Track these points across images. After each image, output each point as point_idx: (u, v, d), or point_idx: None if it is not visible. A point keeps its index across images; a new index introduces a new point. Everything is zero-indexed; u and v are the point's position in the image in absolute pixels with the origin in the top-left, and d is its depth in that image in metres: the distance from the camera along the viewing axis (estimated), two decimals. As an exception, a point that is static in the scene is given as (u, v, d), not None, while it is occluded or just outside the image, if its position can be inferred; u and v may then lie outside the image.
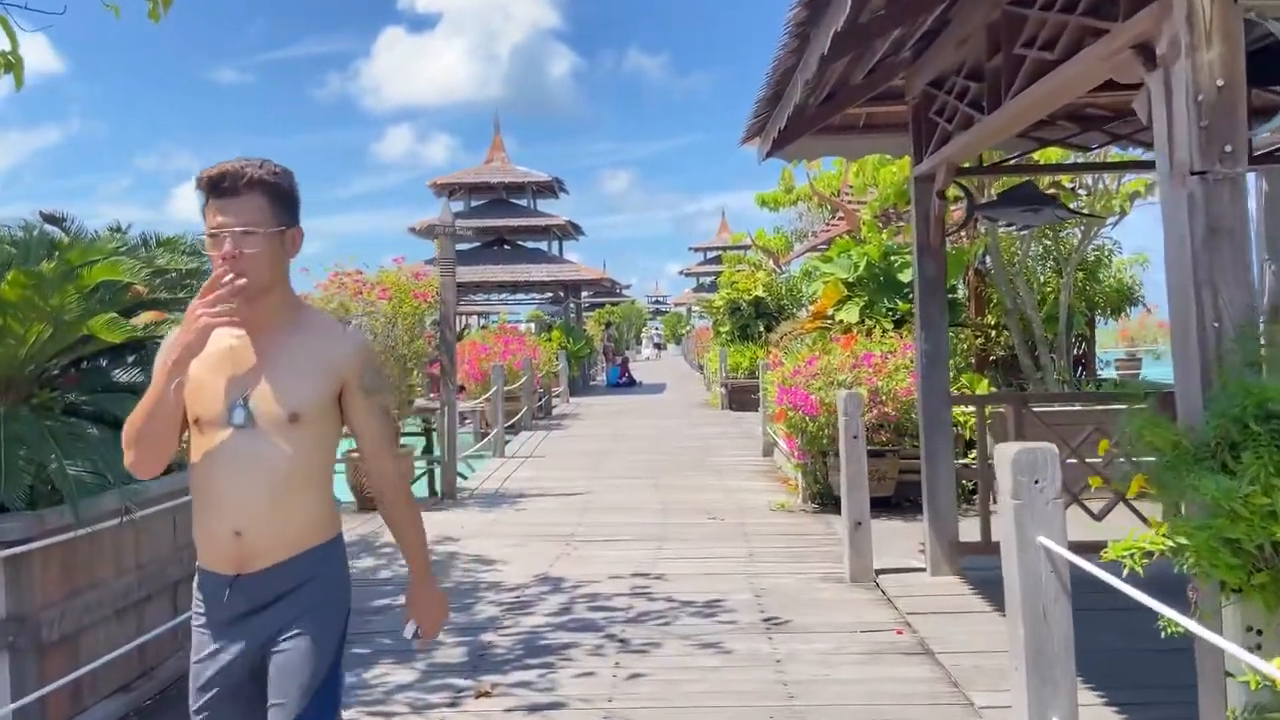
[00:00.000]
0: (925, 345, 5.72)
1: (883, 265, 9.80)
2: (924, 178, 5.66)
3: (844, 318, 9.48)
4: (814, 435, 8.09)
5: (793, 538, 7.14)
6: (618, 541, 7.14)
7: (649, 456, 11.90)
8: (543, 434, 14.91)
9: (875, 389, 7.92)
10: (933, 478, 5.71)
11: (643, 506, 8.54)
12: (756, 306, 18.96)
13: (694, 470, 10.73)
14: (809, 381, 8.17)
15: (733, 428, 15.21)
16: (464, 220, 25.17)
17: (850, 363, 8.19)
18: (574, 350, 23.65)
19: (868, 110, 6.25)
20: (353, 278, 8.49)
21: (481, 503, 8.87)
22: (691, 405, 19.94)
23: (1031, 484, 2.78)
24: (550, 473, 10.80)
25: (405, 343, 8.60)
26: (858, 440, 5.78)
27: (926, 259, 5.74)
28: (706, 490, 9.44)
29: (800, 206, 19.41)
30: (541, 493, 9.38)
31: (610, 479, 10.22)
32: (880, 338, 8.57)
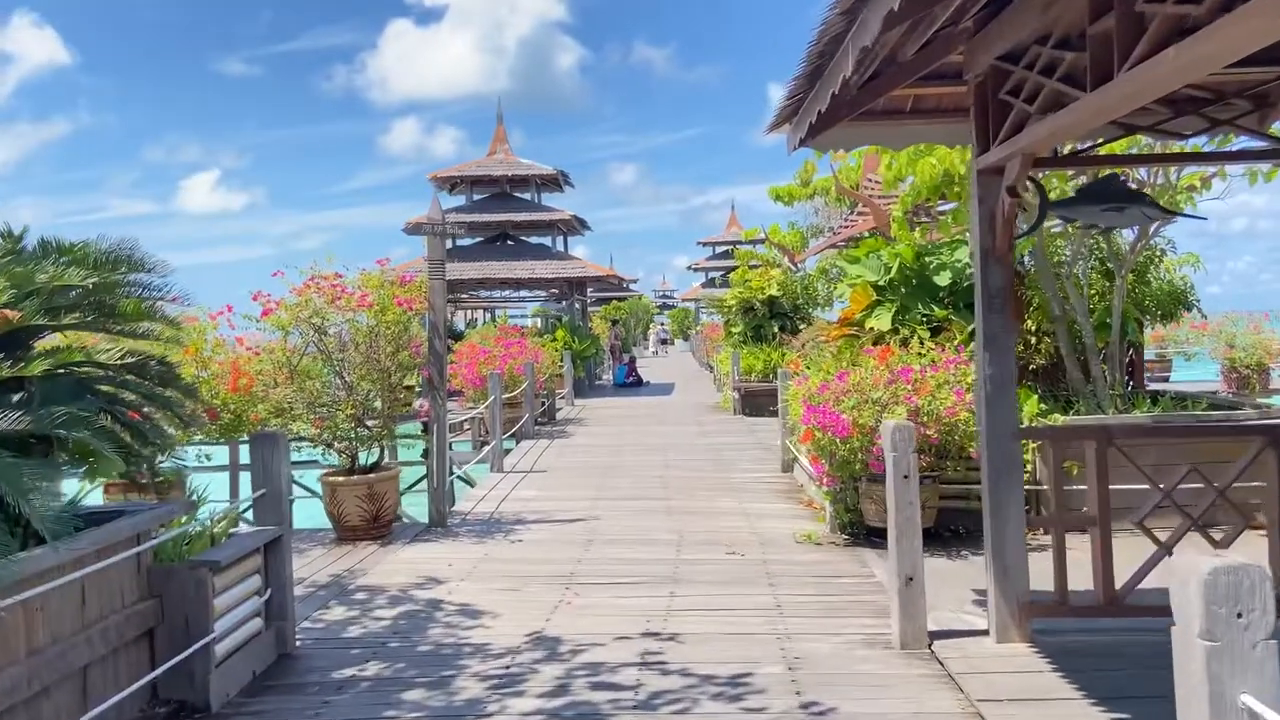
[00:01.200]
0: (989, 369, 4.83)
1: (916, 267, 8.91)
2: (991, 170, 4.77)
3: (875, 325, 8.61)
4: (845, 459, 7.21)
5: (825, 582, 6.26)
6: (625, 584, 6.27)
7: (659, 472, 11.03)
8: (545, 443, 14.05)
9: (915, 409, 7.03)
10: (999, 528, 4.82)
11: (653, 536, 7.67)
12: (770, 306, 18.07)
13: (708, 489, 9.86)
14: (839, 399, 7.29)
15: (747, 436, 14.32)
16: (466, 215, 24.30)
17: (885, 378, 7.30)
18: (579, 350, 22.79)
19: (915, 92, 5.36)
20: (330, 282, 7.62)
21: (474, 530, 8.01)
22: (702, 408, 19.06)
23: (1233, 618, 1.92)
24: (551, 492, 9.94)
25: (389, 354, 7.74)
26: (909, 481, 4.91)
27: (992, 266, 4.84)
28: (723, 515, 8.56)
29: (816, 201, 18.49)
30: (541, 517, 8.51)
31: (617, 499, 9.35)
32: (919, 349, 7.67)
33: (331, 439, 7.58)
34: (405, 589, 6.21)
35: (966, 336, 8.48)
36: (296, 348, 7.52)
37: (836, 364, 9.12)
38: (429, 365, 8.01)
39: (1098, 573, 4.80)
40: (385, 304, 7.55)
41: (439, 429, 7.97)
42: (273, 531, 4.93)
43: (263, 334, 7.72)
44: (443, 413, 8.01)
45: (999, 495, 4.83)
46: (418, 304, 7.84)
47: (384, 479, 7.66)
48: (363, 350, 7.67)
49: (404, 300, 7.59)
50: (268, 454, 4.99)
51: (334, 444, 7.62)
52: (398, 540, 7.63)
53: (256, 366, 7.63)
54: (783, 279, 18.03)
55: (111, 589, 4.03)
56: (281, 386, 7.56)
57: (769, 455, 12.08)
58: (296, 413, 7.64)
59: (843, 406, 7.22)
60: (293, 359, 7.48)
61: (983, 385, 4.86)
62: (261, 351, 7.75)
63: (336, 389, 7.58)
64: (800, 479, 10.15)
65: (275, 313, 7.56)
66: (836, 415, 7.10)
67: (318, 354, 7.53)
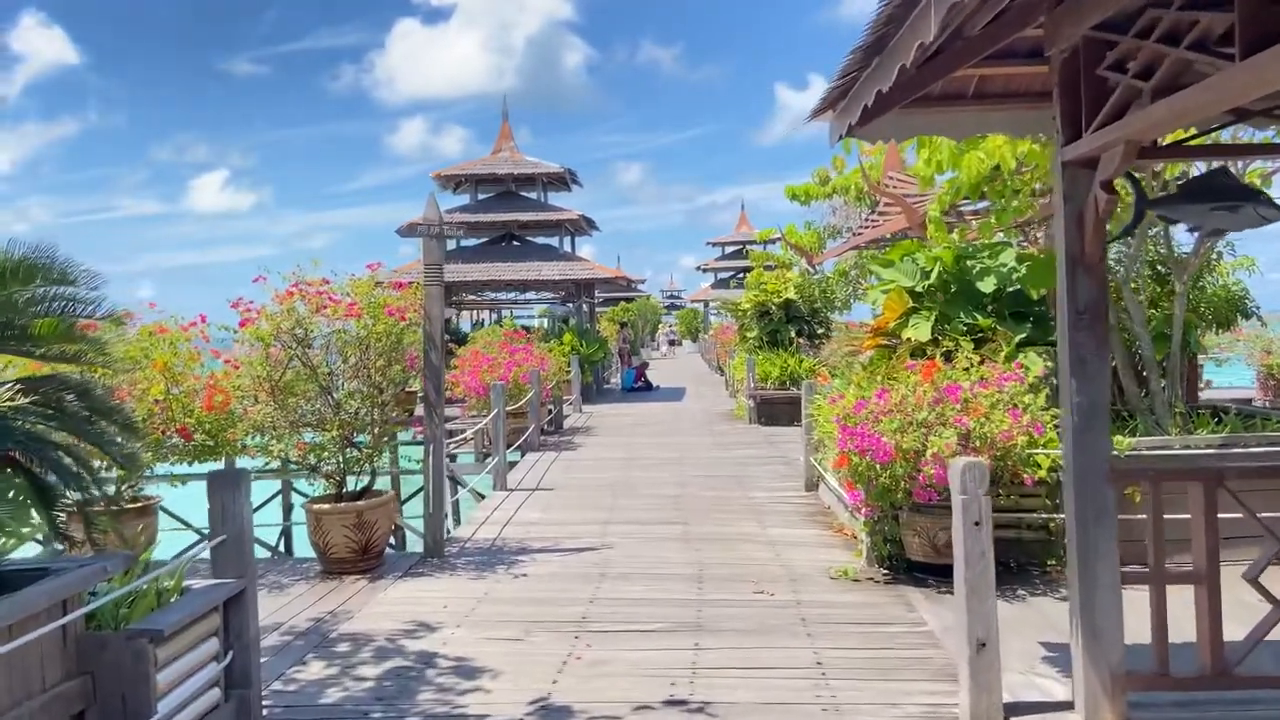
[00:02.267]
0: (1078, 396, 4.08)
1: (957, 272, 8.17)
2: (1081, 162, 4.02)
3: (913, 335, 7.86)
4: (885, 487, 6.47)
5: (870, 631, 5.52)
6: (642, 632, 5.53)
7: (674, 490, 10.29)
8: (552, 455, 13.32)
9: (965, 432, 6.29)
10: (1088, 583, 4.07)
11: (671, 570, 6.94)
12: (787, 310, 17.31)
13: (728, 511, 9.12)
14: (878, 420, 6.55)
15: (765, 448, 13.57)
16: (470, 215, 23.59)
17: (931, 396, 6.56)
18: (587, 354, 22.06)
19: (980, 73, 4.63)
20: (315, 289, 6.91)
21: (474, 562, 7.28)
22: (715, 416, 18.32)
23: None
24: (558, 514, 9.21)
25: (379, 369, 7.02)
26: (981, 530, 4.16)
27: (1080, 277, 4.09)
28: (746, 541, 7.83)
29: (835, 200, 17.70)
30: (547, 545, 7.78)
31: (630, 524, 8.62)
32: (966, 365, 6.92)
33: (317, 462, 6.86)
34: (394, 638, 5.48)
35: (1013, 349, 7.73)
36: (279, 361, 6.81)
37: (870, 378, 8.37)
38: (424, 380, 7.29)
39: (1204, 638, 4.06)
40: (375, 313, 6.83)
41: (435, 450, 7.25)
42: (234, 586, 4.21)
43: (243, 347, 7.01)
44: (440, 432, 7.29)
45: (1089, 545, 4.08)
46: (411, 312, 7.12)
47: (374, 506, 6.94)
48: (351, 364, 6.95)
49: (395, 309, 6.86)
50: (227, 495, 4.27)
51: (319, 467, 6.91)
52: (390, 574, 6.91)
53: (234, 382, 6.92)
54: (800, 281, 17.26)
55: (29, 669, 3.31)
56: (262, 404, 6.85)
57: (791, 471, 11.35)
58: (280, 432, 6.93)
59: (883, 428, 6.48)
60: (274, 373, 6.77)
61: (1070, 416, 4.11)
62: (242, 365, 7.03)
63: (323, 406, 6.86)
64: (827, 500, 9.41)
65: (255, 322, 6.84)
66: (877, 438, 6.36)
67: (301, 368, 6.82)
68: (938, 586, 6.42)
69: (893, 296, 8.28)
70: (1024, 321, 8.14)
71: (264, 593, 6.51)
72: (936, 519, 6.59)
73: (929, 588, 6.44)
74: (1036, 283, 8.09)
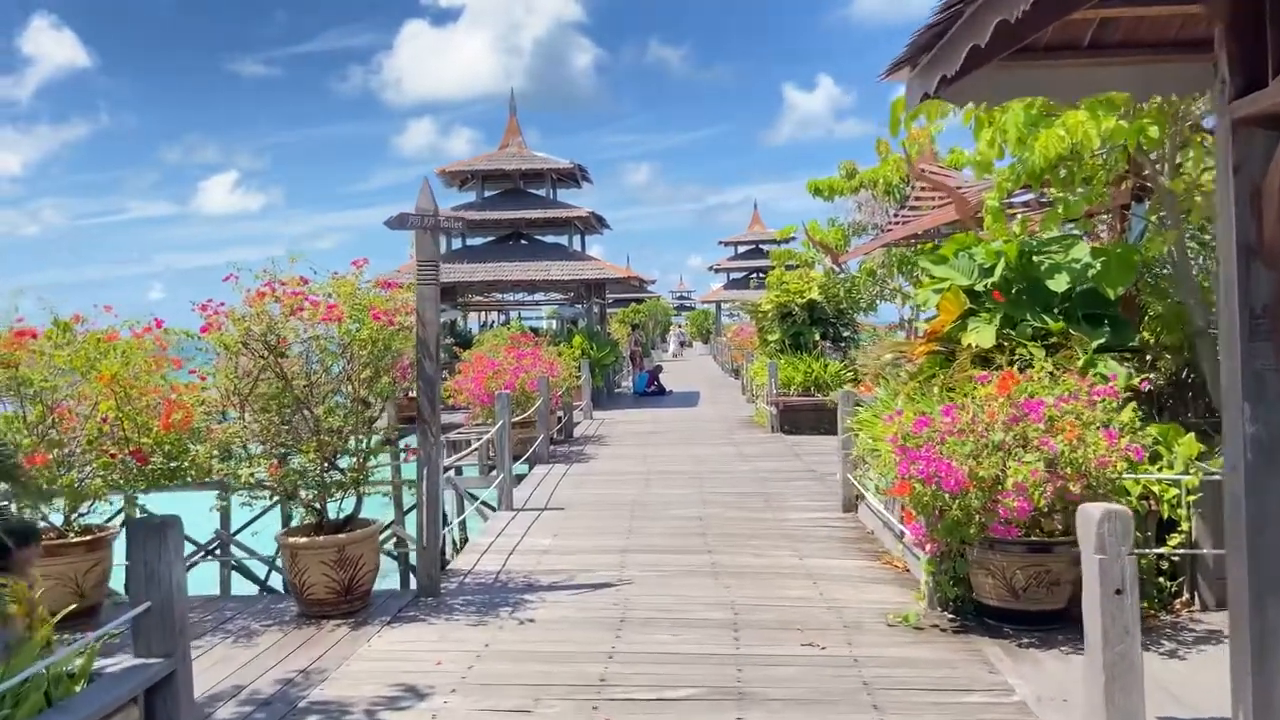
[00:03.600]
0: (1254, 425, 3.12)
1: (1023, 268, 7.22)
2: (1260, 120, 3.06)
3: (974, 341, 6.91)
4: (956, 521, 5.51)
5: (948, 702, 4.55)
6: (673, 700, 4.59)
7: (696, 510, 9.34)
8: (562, 468, 12.38)
9: (1053, 457, 5.32)
10: (1265, 678, 3.10)
11: (701, 613, 5.99)
12: (810, 311, 16.33)
13: (759, 536, 8.17)
14: (944, 441, 5.59)
15: (792, 460, 12.61)
16: (476, 213, 22.69)
17: (1008, 414, 5.59)
18: (598, 358, 21.12)
19: (1103, 14, 3.69)
20: (290, 290, 5.98)
21: (474, 602, 6.33)
22: (734, 424, 17.34)
23: None
24: (570, 539, 8.26)
25: (364, 380, 6.09)
26: (1125, 599, 3.21)
27: (1259, 270, 3.13)
28: (783, 576, 6.87)
29: (862, 195, 16.75)
30: (557, 580, 6.85)
31: (650, 552, 7.67)
32: (1046, 377, 5.96)
33: (292, 488, 5.94)
34: (375, 709, 4.55)
35: (1090, 356, 6.75)
36: (248, 372, 5.89)
37: (922, 389, 7.41)
38: (418, 391, 6.35)
39: None
40: (359, 316, 5.90)
41: (430, 473, 6.32)
42: (159, 669, 3.29)
43: (208, 356, 6.09)
44: (435, 453, 6.36)
45: (1268, 624, 3.11)
46: (402, 315, 6.19)
47: (359, 540, 6.02)
48: (333, 375, 6.03)
49: (381, 312, 5.93)
50: (151, 550, 3.34)
51: (295, 494, 5.98)
52: (376, 618, 5.98)
53: (198, 396, 6.01)
54: (825, 281, 16.29)
55: None
56: (227, 423, 5.94)
57: (823, 487, 10.39)
58: (253, 453, 6.02)
59: (951, 450, 5.52)
60: (242, 386, 5.86)
61: (1241, 450, 3.15)
62: (208, 376, 6.12)
63: (299, 424, 5.94)
64: (869, 523, 8.46)
65: (224, 327, 5.92)
66: (946, 464, 5.40)
67: (274, 379, 5.90)
68: (1016, 638, 5.48)
69: (948, 297, 7.31)
70: (1099, 325, 7.17)
71: (228, 643, 5.59)
72: (1014, 557, 5.64)
73: (1005, 639, 5.48)
74: (1113, 280, 7.11)
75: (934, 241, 14.67)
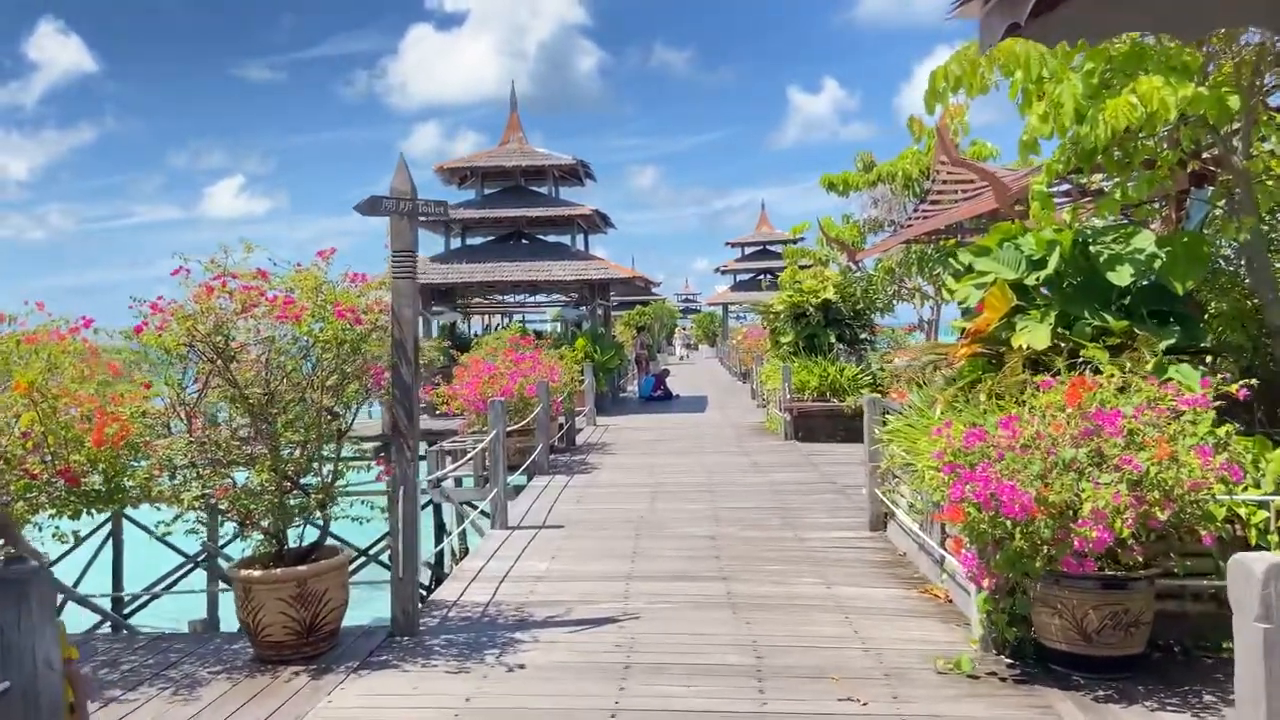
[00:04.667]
0: None
1: (1078, 260, 6.40)
2: None
3: (1026, 342, 6.09)
4: (1019, 552, 4.69)
5: (1027, 783, 3.72)
6: (689, 778, 3.77)
7: (708, 528, 8.52)
8: (563, 480, 11.56)
9: (1138, 478, 4.50)
10: None
11: (719, 657, 5.17)
12: (825, 312, 15.50)
13: (780, 559, 7.35)
14: (1005, 459, 4.77)
15: (809, 471, 11.77)
16: (476, 211, 21.90)
17: (1079, 427, 4.77)
18: (602, 361, 20.30)
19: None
20: (245, 284, 5.18)
21: (457, 643, 5.52)
22: (744, 430, 16.50)
23: None
24: (569, 564, 7.45)
25: (329, 388, 5.29)
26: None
27: None
28: (810, 609, 6.05)
29: (879, 189, 15.91)
30: (553, 614, 6.03)
31: (658, 579, 6.86)
32: (1119, 383, 5.14)
33: (246, 513, 5.13)
34: (326, 789, 3.74)
35: (1161, 358, 5.93)
36: (195, 378, 5.09)
37: (965, 396, 6.59)
38: (392, 400, 5.56)
39: None
40: (322, 314, 5.09)
41: (405, 496, 5.51)
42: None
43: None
44: (411, 471, 5.55)
45: None
46: (374, 314, 5.39)
47: (323, 572, 5.21)
48: (295, 381, 5.23)
49: (347, 309, 5.12)
50: (8, 617, 2.54)
51: (250, 521, 5.17)
52: (343, 663, 5.16)
53: (135, 407, 5.20)
54: (840, 280, 15.46)
55: None
56: (178, 436, 5.14)
57: (846, 502, 9.57)
58: (203, 473, 5.21)
59: (1012, 470, 4.70)
60: (184, 396, 5.06)
61: None
62: (151, 385, 5.32)
63: (253, 438, 5.14)
64: (900, 544, 7.63)
65: (169, 326, 5.11)
66: (1010, 487, 4.57)
67: (225, 388, 5.10)
68: (1089, 689, 4.67)
69: (994, 293, 6.48)
70: (1165, 323, 6.35)
71: (166, 695, 4.79)
72: (1086, 594, 4.82)
73: (1076, 690, 4.67)
74: (1181, 273, 6.27)
75: (957, 238, 13.84)
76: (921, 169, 14.68)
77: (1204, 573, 5.17)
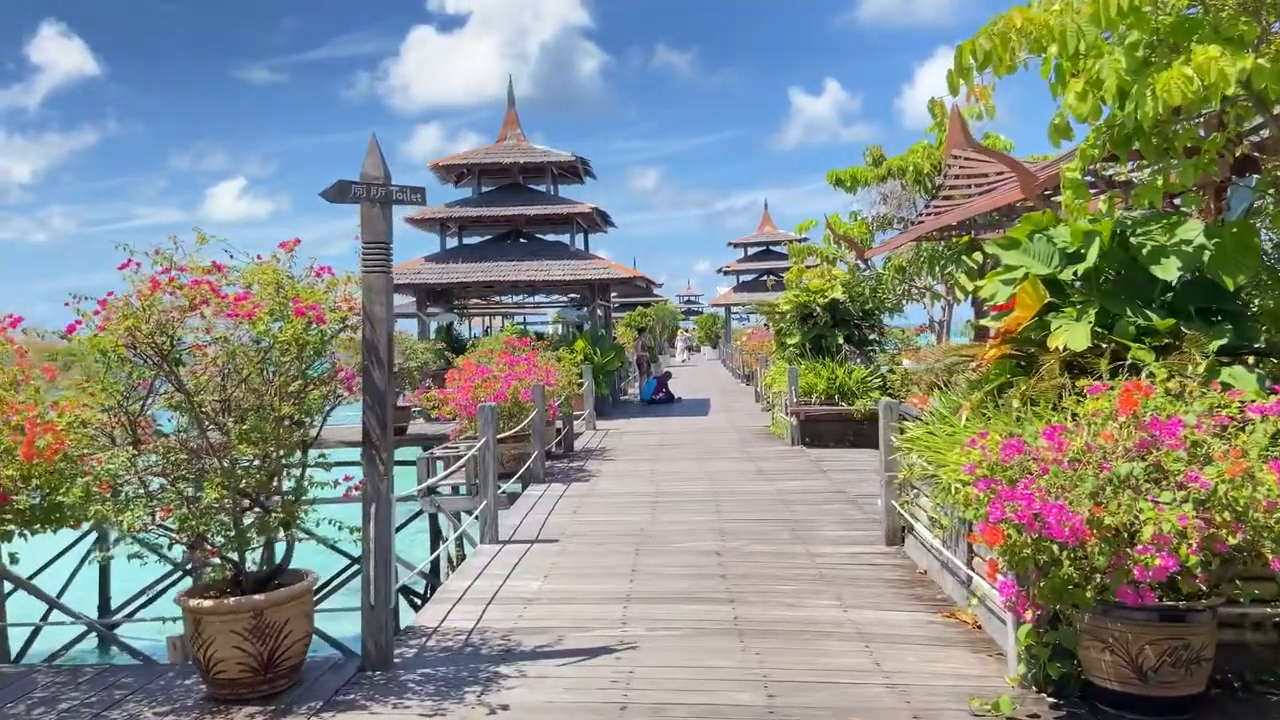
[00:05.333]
0: None
1: (1118, 252, 5.84)
2: None
3: (1065, 342, 5.54)
4: (1069, 580, 4.13)
5: None
6: None
7: (712, 543, 7.96)
8: (559, 488, 11.00)
9: (1205, 498, 3.94)
10: None
11: (727, 695, 4.61)
12: (833, 312, 14.93)
13: (790, 579, 6.78)
14: (1050, 474, 4.22)
15: (818, 479, 11.20)
16: (473, 209, 21.36)
17: (1137, 438, 4.21)
18: (602, 364, 19.75)
19: None
20: (196, 278, 4.63)
21: (434, 679, 4.95)
22: (749, 435, 15.93)
23: None
24: (562, 583, 6.89)
25: (289, 395, 4.73)
26: None
27: None
28: (826, 635, 5.49)
29: (888, 185, 15.35)
30: (543, 642, 5.48)
31: (658, 602, 6.30)
32: (1175, 388, 4.58)
33: (196, 535, 4.57)
34: None
35: (1213, 360, 5.36)
36: (134, 385, 4.54)
37: (993, 402, 6.03)
38: (363, 409, 5.00)
39: None
40: (280, 310, 4.54)
41: (378, 514, 4.95)
42: None
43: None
44: (385, 487, 4.99)
45: None
46: (338, 313, 4.83)
47: (283, 601, 4.65)
48: (253, 387, 4.67)
49: (308, 305, 4.56)
50: None
51: (200, 544, 4.62)
52: (304, 703, 4.60)
53: (74, 416, 4.65)
54: (849, 279, 14.89)
55: None
56: (120, 449, 4.59)
57: (859, 513, 9.01)
58: (154, 492, 4.66)
59: (1060, 487, 4.15)
60: (129, 403, 4.51)
61: None
62: (89, 390, 4.76)
63: (202, 449, 4.59)
64: (921, 561, 7.07)
65: (110, 326, 4.55)
66: (1059, 507, 4.01)
67: (173, 394, 4.55)
68: (1149, 737, 4.09)
69: (1026, 289, 5.92)
70: (1213, 321, 5.79)
71: (101, 744, 4.23)
72: (1142, 627, 4.25)
73: (1134, 737, 4.10)
74: (1232, 267, 5.71)
75: (971, 234, 13.28)
76: (933, 163, 14.12)
77: (1266, 599, 4.64)
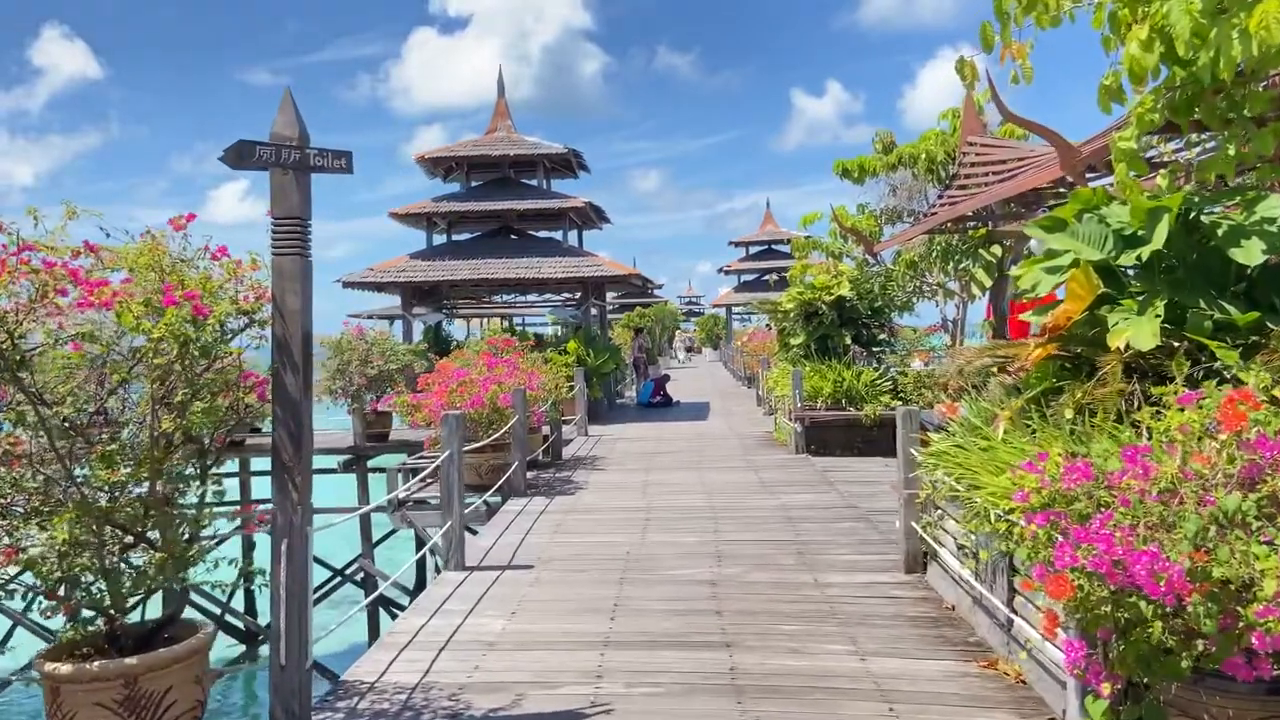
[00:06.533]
0: None
1: (1186, 233, 4.92)
2: None
3: (1127, 340, 4.61)
4: (1159, 647, 3.19)
5: None
6: None
7: (708, 570, 7.01)
8: (541, 502, 10.05)
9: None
10: None
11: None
12: (840, 310, 13.98)
13: (796, 616, 5.83)
14: (1139, 513, 3.27)
15: (825, 490, 10.26)
16: (460, 204, 20.42)
17: (1243, 464, 3.27)
18: (595, 366, 18.80)
19: None
20: (49, 259, 3.69)
21: (361, 751, 4.02)
22: (750, 442, 14.98)
23: None
24: (530, 622, 5.94)
25: (173, 406, 3.80)
26: None
27: None
28: (842, 696, 4.55)
29: (898, 175, 14.41)
30: (498, 705, 4.53)
31: (642, 646, 5.35)
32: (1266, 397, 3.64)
33: (49, 585, 3.64)
34: None
35: (1311, 361, 4.41)
36: None
37: (1042, 412, 5.08)
38: (273, 422, 4.06)
39: None
40: (155, 300, 3.61)
41: (291, 550, 4.01)
42: None
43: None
44: (300, 520, 4.05)
45: None
46: (243, 304, 3.90)
47: (164, 664, 3.72)
48: (124, 397, 3.73)
49: (187, 294, 3.63)
50: None
51: (57, 595, 3.67)
52: (189, 792, 3.67)
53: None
54: (857, 275, 13.95)
55: None
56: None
57: (872, 532, 8.07)
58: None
59: (1148, 527, 3.20)
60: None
61: None
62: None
63: (57, 476, 3.65)
64: (945, 592, 6.13)
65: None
66: (1151, 554, 3.06)
67: (14, 405, 3.62)
68: (1260, 846, 3.13)
69: (1077, 277, 4.97)
70: (1302, 315, 4.85)
71: None
72: (1245, 702, 3.31)
73: None
74: (1324, 250, 4.77)
75: (988, 226, 12.34)
76: (947, 151, 13.21)
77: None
